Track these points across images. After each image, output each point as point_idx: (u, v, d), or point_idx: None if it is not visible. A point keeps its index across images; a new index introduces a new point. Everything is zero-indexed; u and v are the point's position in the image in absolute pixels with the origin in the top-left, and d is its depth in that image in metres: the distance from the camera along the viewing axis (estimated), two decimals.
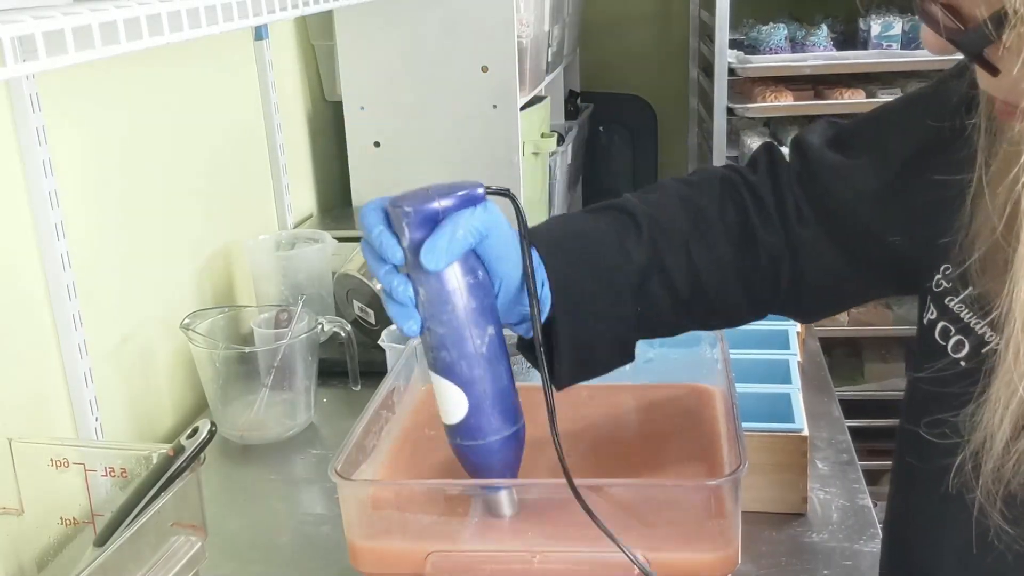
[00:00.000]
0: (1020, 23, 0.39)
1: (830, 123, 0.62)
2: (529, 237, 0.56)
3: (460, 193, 0.52)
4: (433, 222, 0.51)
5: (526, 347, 0.59)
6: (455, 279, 0.52)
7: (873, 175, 0.57)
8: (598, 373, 0.61)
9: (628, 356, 0.61)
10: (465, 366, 0.53)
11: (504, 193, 0.54)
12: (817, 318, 0.66)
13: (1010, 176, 0.42)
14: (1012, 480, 0.45)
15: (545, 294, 0.56)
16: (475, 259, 0.53)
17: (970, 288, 0.50)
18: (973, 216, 0.47)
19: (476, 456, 0.55)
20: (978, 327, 0.49)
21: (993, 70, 0.42)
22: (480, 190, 0.52)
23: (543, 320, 0.56)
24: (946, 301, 0.52)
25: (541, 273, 0.56)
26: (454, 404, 0.53)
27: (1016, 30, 0.39)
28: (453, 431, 0.55)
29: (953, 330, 0.51)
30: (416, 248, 0.51)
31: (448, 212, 0.51)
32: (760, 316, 0.63)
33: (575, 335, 0.57)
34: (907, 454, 0.56)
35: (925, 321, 0.54)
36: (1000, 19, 0.39)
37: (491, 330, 0.53)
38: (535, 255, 0.56)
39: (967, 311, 0.50)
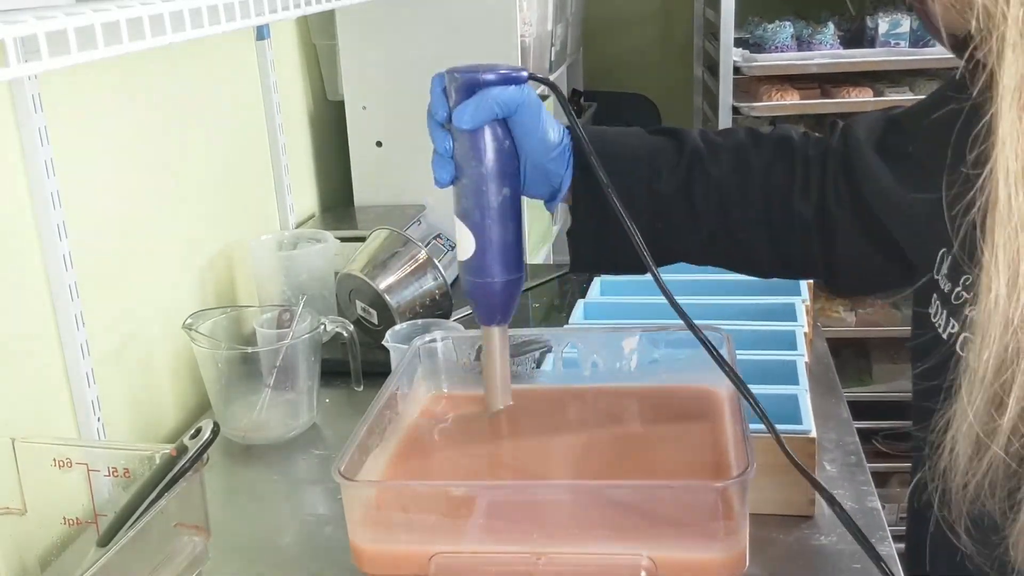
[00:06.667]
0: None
1: (885, 119, 0.63)
2: (573, 126, 0.64)
3: (503, 71, 0.61)
4: (475, 90, 0.61)
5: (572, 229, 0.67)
6: (483, 141, 0.61)
7: (908, 185, 0.56)
8: (618, 270, 0.67)
9: (636, 268, 0.63)
10: (477, 214, 0.62)
11: (546, 81, 0.65)
12: (849, 294, 0.71)
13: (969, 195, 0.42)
14: (976, 500, 0.43)
15: (567, 173, 0.64)
16: (504, 130, 0.62)
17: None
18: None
19: (477, 292, 0.64)
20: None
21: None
22: (524, 73, 0.62)
23: (560, 195, 0.65)
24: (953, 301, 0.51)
25: (567, 156, 0.64)
26: (466, 244, 0.63)
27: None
28: (463, 267, 0.65)
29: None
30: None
31: (489, 84, 0.60)
32: (792, 275, 0.69)
33: (592, 221, 0.64)
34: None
35: (944, 334, 0.53)
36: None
37: (506, 191, 0.62)
38: (567, 139, 0.64)
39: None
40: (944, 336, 0.52)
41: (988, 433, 0.41)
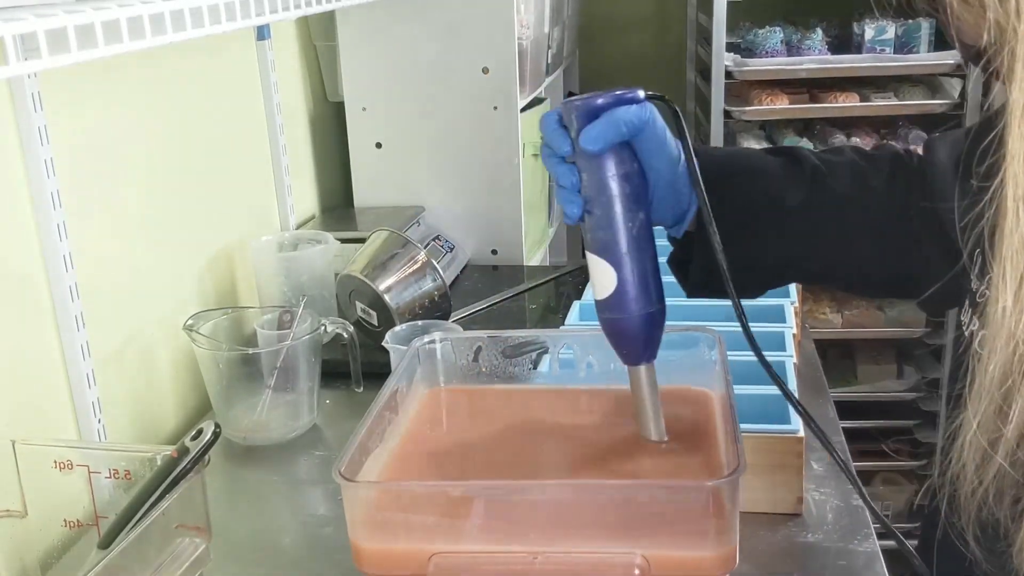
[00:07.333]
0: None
1: (965, 132, 0.62)
2: (691, 146, 0.62)
3: (619, 93, 0.60)
4: (596, 115, 0.59)
5: (675, 259, 0.66)
6: (612, 167, 0.59)
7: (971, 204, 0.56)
8: (727, 293, 0.63)
9: (757, 289, 0.63)
10: (616, 245, 0.60)
11: (662, 98, 0.62)
12: (937, 314, 0.69)
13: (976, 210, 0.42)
14: (983, 508, 0.44)
15: (691, 196, 0.62)
16: (631, 153, 0.60)
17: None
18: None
19: (620, 328, 0.61)
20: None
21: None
22: (640, 93, 0.61)
23: (687, 218, 0.63)
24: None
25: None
26: (605, 280, 0.60)
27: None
28: (602, 306, 0.62)
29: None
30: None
31: (610, 107, 0.59)
32: (900, 294, 0.67)
33: (710, 245, 0.61)
34: None
35: (967, 332, 0.53)
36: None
37: (641, 215, 0.60)
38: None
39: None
40: (966, 334, 0.53)
41: (993, 442, 0.41)
